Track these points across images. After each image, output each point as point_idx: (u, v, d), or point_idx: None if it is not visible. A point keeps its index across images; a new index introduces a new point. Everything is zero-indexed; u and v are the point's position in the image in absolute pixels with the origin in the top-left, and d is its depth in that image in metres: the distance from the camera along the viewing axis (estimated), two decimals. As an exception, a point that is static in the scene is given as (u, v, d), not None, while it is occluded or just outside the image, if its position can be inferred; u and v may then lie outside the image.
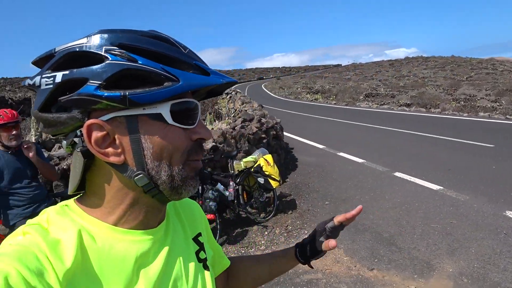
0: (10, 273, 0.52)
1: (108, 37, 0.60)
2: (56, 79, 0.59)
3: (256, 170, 5.29)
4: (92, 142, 0.60)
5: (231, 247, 4.69)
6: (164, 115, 0.61)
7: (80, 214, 0.64)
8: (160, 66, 0.60)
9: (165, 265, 0.70)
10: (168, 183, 0.64)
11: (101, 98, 0.57)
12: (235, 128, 6.23)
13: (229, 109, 10.77)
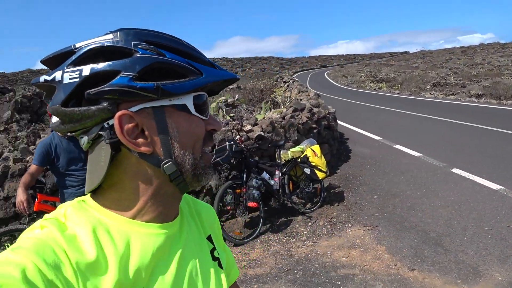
0: (27, 266, 0.53)
1: (134, 33, 0.63)
2: (83, 73, 0.60)
3: (303, 161, 5.26)
4: (124, 132, 0.62)
5: (273, 235, 4.74)
6: (189, 106, 0.66)
7: (98, 208, 0.66)
8: (185, 60, 0.65)
9: (181, 259, 0.71)
10: (191, 171, 0.67)
11: (135, 88, 0.60)
12: (284, 118, 6.21)
13: (285, 98, 10.72)
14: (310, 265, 3.87)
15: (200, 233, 0.82)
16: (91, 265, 0.58)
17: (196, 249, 0.77)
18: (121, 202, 0.66)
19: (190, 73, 0.65)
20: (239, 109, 10.93)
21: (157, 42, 0.64)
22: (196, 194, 5.22)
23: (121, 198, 0.66)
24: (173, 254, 0.70)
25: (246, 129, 5.70)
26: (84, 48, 0.62)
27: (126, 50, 0.62)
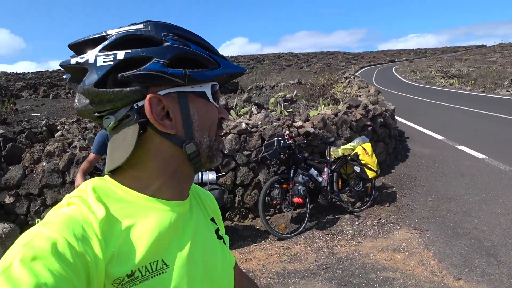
0: (57, 239, 0.56)
1: (163, 25, 0.70)
2: (118, 57, 0.66)
3: (353, 158, 5.14)
4: (153, 113, 0.67)
5: (318, 232, 4.70)
6: (207, 93, 0.73)
7: (118, 186, 0.70)
8: (206, 52, 0.72)
9: (194, 235, 0.76)
10: (207, 151, 0.74)
11: (167, 73, 0.66)
12: (337, 114, 6.09)
13: (344, 94, 10.49)
14: (350, 265, 3.80)
15: (205, 214, 0.87)
16: (116, 239, 0.62)
17: (205, 227, 0.83)
18: (142, 181, 0.71)
19: (210, 64, 0.72)
20: (298, 105, 10.89)
21: (182, 34, 0.71)
22: (245, 187, 5.31)
23: (141, 176, 0.71)
24: (187, 229, 0.75)
25: (297, 125, 5.68)
26: (117, 35, 0.67)
27: (156, 39, 0.68)
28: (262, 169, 5.38)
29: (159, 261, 0.66)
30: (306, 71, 34.14)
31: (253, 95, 14.96)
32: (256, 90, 17.14)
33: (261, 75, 30.66)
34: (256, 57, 51.33)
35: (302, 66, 42.11)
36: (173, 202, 0.73)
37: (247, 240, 4.68)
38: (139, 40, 0.68)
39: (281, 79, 22.09)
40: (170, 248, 0.69)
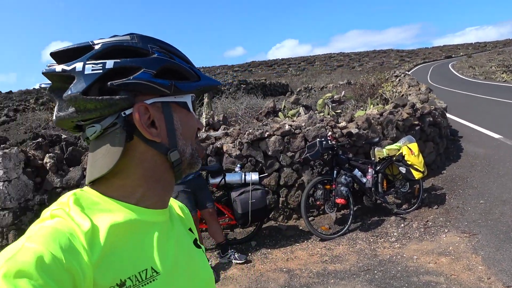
0: (43, 253, 0.55)
1: (149, 38, 0.74)
2: (107, 65, 0.67)
3: (398, 159, 5.02)
4: (141, 121, 0.69)
5: (361, 233, 4.65)
6: (188, 104, 0.77)
7: (100, 197, 0.70)
8: (188, 65, 0.77)
9: (177, 243, 0.77)
10: (189, 159, 0.77)
11: (155, 83, 0.69)
12: (382, 114, 5.96)
13: (393, 93, 10.21)
14: (392, 267, 3.73)
15: (183, 224, 0.88)
16: (102, 249, 0.61)
17: (185, 236, 0.84)
18: (125, 189, 0.71)
19: (191, 76, 0.76)
20: (347, 105, 10.74)
21: (165, 47, 0.75)
22: (289, 188, 5.36)
23: (125, 185, 0.71)
24: (170, 238, 0.76)
25: (341, 126, 5.64)
26: (104, 45, 0.70)
27: (144, 51, 0.71)
28: (306, 170, 5.40)
29: (149, 269, 0.66)
30: (358, 71, 33.43)
31: (301, 97, 14.93)
32: (305, 92, 17.09)
33: (311, 77, 30.46)
34: (307, 58, 51.01)
35: (354, 66, 41.26)
36: (156, 210, 0.74)
37: (290, 240, 4.72)
38: (126, 51, 0.70)
39: (330, 80, 21.85)
40: (158, 256, 0.69)
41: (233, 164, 5.15)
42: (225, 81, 22.88)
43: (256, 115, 10.58)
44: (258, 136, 5.29)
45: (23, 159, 5.74)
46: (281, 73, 41.09)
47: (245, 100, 13.04)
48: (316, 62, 47.57)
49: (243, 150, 5.24)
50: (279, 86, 23.03)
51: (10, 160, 5.54)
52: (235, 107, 11.53)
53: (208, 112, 8.55)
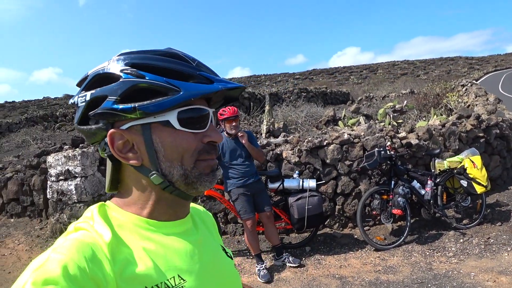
0: (68, 263, 0.57)
1: (123, 58, 0.72)
2: (87, 98, 0.71)
3: (459, 172, 4.91)
4: (115, 148, 0.71)
5: (418, 246, 4.61)
6: (172, 121, 0.71)
7: (118, 210, 0.73)
8: (163, 79, 0.69)
9: (203, 251, 0.79)
10: (182, 180, 0.73)
11: (117, 110, 0.68)
12: (445, 125, 5.83)
13: (458, 103, 9.84)
14: (447, 282, 3.69)
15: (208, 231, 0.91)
16: (125, 259, 0.65)
17: (211, 243, 0.86)
18: (137, 205, 0.74)
19: (170, 91, 0.69)
20: (409, 115, 10.51)
21: (141, 63, 0.71)
22: (345, 196, 5.43)
23: (135, 201, 0.75)
24: (195, 245, 0.78)
25: (400, 136, 5.61)
26: (90, 75, 0.73)
27: (114, 75, 0.70)
28: (364, 179, 5.43)
29: (176, 277, 0.69)
30: (423, 79, 32.13)
31: (362, 106, 14.77)
32: (366, 101, 16.86)
33: (373, 85, 29.84)
34: (369, 66, 49.90)
35: (419, 74, 39.70)
36: (173, 222, 0.76)
37: (344, 248, 4.80)
38: (104, 78, 0.71)
39: (393, 89, 21.30)
40: (184, 264, 0.72)
41: (291, 170, 5.33)
42: (285, 89, 23.11)
43: (316, 123, 10.68)
44: (317, 144, 5.42)
45: (98, 158, 6.33)
46: (343, 81, 40.59)
47: (305, 108, 13.18)
48: (379, 70, 46.40)
49: (302, 157, 5.40)
50: (340, 95, 22.86)
51: (87, 158, 6.13)
52: (295, 115, 11.71)
53: (269, 120, 8.81)
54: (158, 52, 0.74)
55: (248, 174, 4.45)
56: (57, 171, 6.17)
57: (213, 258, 0.82)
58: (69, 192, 6.16)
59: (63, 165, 6.10)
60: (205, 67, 0.76)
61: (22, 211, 7.40)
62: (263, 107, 9.95)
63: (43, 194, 6.94)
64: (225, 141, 4.49)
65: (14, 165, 8.40)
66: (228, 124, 4.43)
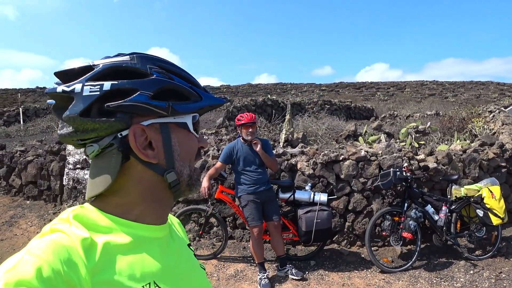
0: (42, 265, 0.56)
1: (148, 58, 0.74)
2: (104, 87, 0.68)
3: (476, 201, 4.78)
4: (137, 143, 0.70)
5: (425, 273, 4.50)
6: (188, 124, 0.76)
7: (98, 213, 0.71)
8: (189, 85, 0.76)
9: (179, 258, 0.80)
10: (187, 180, 0.77)
11: (151, 105, 0.69)
12: (466, 151, 5.69)
13: (483, 130, 9.59)
14: (452, 312, 3.59)
15: (184, 239, 0.92)
16: (101, 265, 0.63)
17: (185, 251, 0.87)
18: (124, 207, 0.73)
19: (193, 96, 0.75)
20: (431, 137, 10.31)
21: (166, 67, 0.75)
22: (357, 214, 5.35)
23: (123, 203, 0.73)
24: (171, 252, 0.78)
25: (419, 158, 5.51)
26: (103, 66, 0.70)
27: (142, 71, 0.71)
28: (377, 198, 5.35)
29: (152, 283, 0.68)
30: (451, 101, 31.47)
31: (385, 123, 14.57)
32: (390, 119, 16.63)
33: (398, 104, 29.42)
34: (397, 84, 49.22)
35: (447, 96, 38.92)
36: (155, 226, 0.76)
37: (349, 265, 4.72)
38: (125, 72, 0.71)
39: (418, 109, 20.96)
40: (160, 271, 0.71)
41: (304, 182, 5.29)
42: (310, 99, 23.01)
43: (336, 137, 10.59)
44: (333, 158, 5.37)
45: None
46: (368, 97, 40.18)
47: (327, 120, 13.10)
48: (407, 89, 45.74)
49: (316, 170, 5.36)
50: (364, 110, 22.61)
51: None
52: (316, 127, 11.64)
53: (288, 129, 8.79)
54: (172, 63, 0.78)
55: (260, 182, 4.43)
56: (75, 159, 6.30)
57: (189, 267, 0.83)
58: (84, 181, 6.27)
59: (81, 154, 6.23)
60: None
61: (39, 195, 7.59)
62: (285, 116, 9.95)
63: (59, 180, 7.10)
64: (240, 147, 4.50)
65: (36, 149, 8.63)
66: (244, 130, 4.43)
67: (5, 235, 6.04)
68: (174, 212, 5.62)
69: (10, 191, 8.03)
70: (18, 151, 8.47)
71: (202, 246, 5.36)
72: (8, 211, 7.10)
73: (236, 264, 4.85)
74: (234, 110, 13.60)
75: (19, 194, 7.91)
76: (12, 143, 9.81)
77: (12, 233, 6.07)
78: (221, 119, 12.73)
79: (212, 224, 5.64)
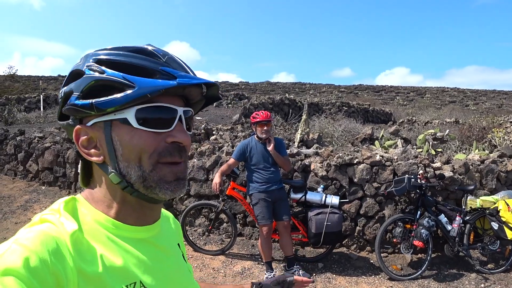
0: (30, 255, 0.56)
1: (92, 54, 0.72)
2: (62, 93, 0.72)
3: (492, 213, 4.67)
4: (79, 144, 0.71)
5: (434, 283, 4.42)
6: (130, 119, 0.68)
7: (87, 206, 0.71)
8: (121, 75, 0.67)
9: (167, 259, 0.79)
10: (140, 182, 0.70)
11: (78, 106, 0.68)
12: (484, 162, 5.57)
13: (504, 141, 9.38)
14: (460, 324, 3.52)
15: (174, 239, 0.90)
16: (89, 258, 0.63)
17: (174, 251, 0.85)
18: (104, 203, 0.73)
19: (127, 87, 0.67)
20: (449, 145, 10.14)
21: (106, 59, 0.69)
22: (368, 219, 5.29)
23: (103, 199, 0.73)
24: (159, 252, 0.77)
25: (435, 166, 5.41)
26: (70, 71, 0.73)
27: (81, 72, 0.70)
28: (389, 204, 5.28)
29: (138, 283, 0.67)
30: (471, 110, 30.87)
31: (402, 129, 14.37)
32: (408, 124, 16.40)
33: (417, 109, 29.02)
34: (417, 89, 48.57)
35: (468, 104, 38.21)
36: (139, 227, 0.74)
37: (357, 270, 4.68)
38: (76, 75, 0.71)
39: (438, 115, 20.60)
40: (146, 271, 0.70)
41: (317, 183, 5.26)
42: (328, 100, 22.86)
43: (352, 139, 10.50)
44: (347, 161, 5.32)
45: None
46: (388, 101, 39.74)
47: (344, 122, 12.99)
48: (427, 94, 45.04)
49: (329, 172, 5.32)
50: (382, 114, 22.38)
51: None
52: (332, 128, 11.56)
53: (304, 129, 8.74)
54: (128, 48, 0.72)
55: (272, 181, 4.42)
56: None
57: (176, 267, 0.81)
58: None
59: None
60: (176, 63, 0.72)
61: (54, 181, 7.73)
62: (301, 116, 9.91)
63: (75, 168, 7.22)
64: (254, 145, 4.49)
65: (54, 136, 8.79)
66: (259, 128, 4.43)
67: (19, 218, 6.16)
68: (185, 206, 5.66)
69: (27, 176, 8.20)
70: (36, 137, 8.63)
71: (211, 241, 5.38)
72: (23, 195, 7.25)
73: (244, 262, 4.85)
74: (251, 107, 13.60)
75: (35, 180, 8.07)
76: (31, 129, 10.01)
77: (26, 217, 6.19)
78: (237, 115, 12.74)
79: (222, 220, 5.66)
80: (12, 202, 6.95)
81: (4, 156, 8.69)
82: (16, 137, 8.77)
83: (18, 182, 8.04)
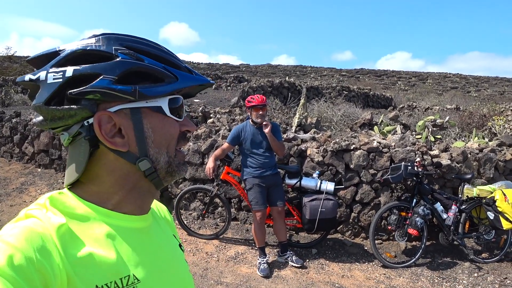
0: (14, 252, 0.54)
1: (115, 38, 0.69)
2: (67, 74, 0.65)
3: (488, 203, 4.63)
4: (103, 131, 0.67)
5: (427, 271, 4.41)
6: (164, 108, 0.71)
7: (77, 200, 0.68)
8: (162, 65, 0.70)
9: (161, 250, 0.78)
10: (165, 168, 0.73)
11: (115, 90, 0.65)
12: (482, 150, 5.50)
13: (504, 129, 9.30)
14: (451, 314, 3.51)
15: (169, 229, 0.90)
16: (77, 254, 0.61)
17: (169, 242, 0.84)
18: (100, 195, 0.70)
19: (167, 78, 0.70)
20: (449, 132, 10.07)
21: (136, 47, 0.70)
22: (363, 205, 5.26)
23: (100, 191, 0.70)
24: (153, 243, 0.76)
25: (432, 154, 5.35)
26: (67, 50, 0.67)
27: (107, 54, 0.67)
28: (385, 191, 5.24)
29: (131, 276, 0.66)
30: (473, 96, 30.64)
31: (402, 114, 14.27)
32: (408, 110, 16.28)
33: (418, 95, 28.81)
34: (419, 74, 48.13)
35: (469, 91, 37.89)
36: (135, 216, 0.73)
37: (351, 257, 4.67)
38: (90, 55, 0.67)
39: (439, 101, 20.42)
40: (139, 263, 0.68)
41: (312, 169, 5.20)
42: (328, 84, 22.65)
43: (351, 124, 10.41)
44: (344, 147, 5.26)
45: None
46: (389, 86, 39.44)
47: (343, 107, 12.87)
48: (429, 80, 44.68)
49: (326, 157, 5.26)
50: (382, 99, 22.19)
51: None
52: (331, 113, 11.46)
53: (302, 113, 8.65)
54: (148, 40, 0.73)
55: (267, 166, 4.37)
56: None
57: (171, 258, 0.80)
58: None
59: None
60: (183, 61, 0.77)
61: (50, 163, 7.68)
62: (299, 100, 9.80)
63: (69, 153, 7.16)
64: (248, 129, 4.42)
65: (50, 117, 8.69)
66: (254, 112, 4.35)
67: (14, 201, 6.14)
68: (180, 190, 5.62)
69: (23, 158, 8.15)
70: (32, 119, 8.55)
71: (206, 225, 5.36)
72: (19, 178, 7.21)
73: (238, 246, 4.84)
74: (249, 90, 13.44)
75: (31, 162, 8.02)
76: (27, 110, 9.91)
77: (22, 200, 6.17)
78: (235, 98, 12.61)
79: (217, 205, 5.63)
80: (7, 184, 6.92)
81: (0, 138, 8.62)
82: (12, 119, 8.68)
83: (14, 164, 8.00)
